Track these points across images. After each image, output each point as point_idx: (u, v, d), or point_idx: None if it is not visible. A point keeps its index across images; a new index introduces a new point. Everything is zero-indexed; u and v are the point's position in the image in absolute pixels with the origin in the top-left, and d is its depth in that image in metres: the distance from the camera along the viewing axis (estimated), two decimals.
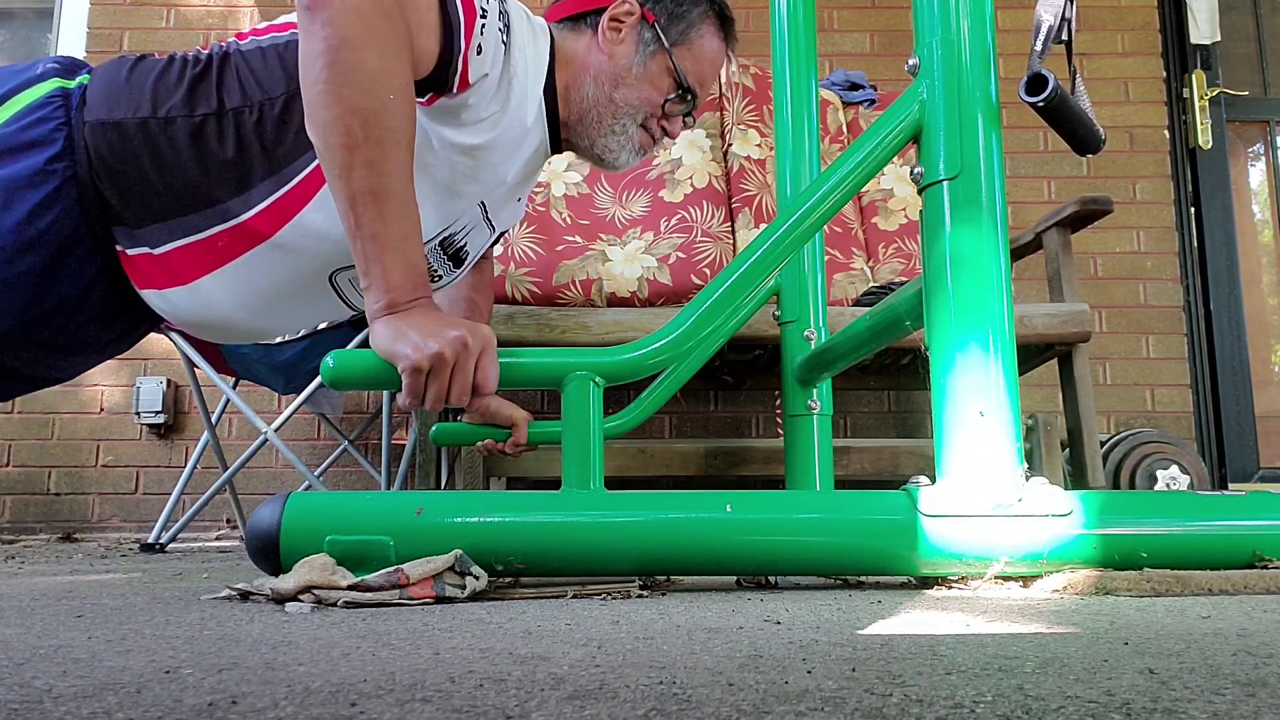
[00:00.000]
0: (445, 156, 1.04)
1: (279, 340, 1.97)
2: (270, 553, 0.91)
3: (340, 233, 1.01)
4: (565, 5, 1.17)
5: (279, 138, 1.00)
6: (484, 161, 1.07)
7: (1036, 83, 1.01)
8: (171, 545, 2.16)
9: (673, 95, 1.16)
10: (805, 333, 1.54)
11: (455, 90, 1.00)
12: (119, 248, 1.03)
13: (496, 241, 1.31)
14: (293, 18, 1.07)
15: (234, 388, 2.14)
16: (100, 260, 1.02)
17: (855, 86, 2.57)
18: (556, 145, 1.17)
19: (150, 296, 1.06)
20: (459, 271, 1.21)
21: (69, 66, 1.04)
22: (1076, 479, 1.89)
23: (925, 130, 1.04)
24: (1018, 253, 2.15)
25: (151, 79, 1.01)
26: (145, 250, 1.02)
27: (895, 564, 0.96)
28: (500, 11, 1.02)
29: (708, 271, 2.03)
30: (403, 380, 0.91)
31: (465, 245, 1.17)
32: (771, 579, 1.06)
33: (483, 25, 0.99)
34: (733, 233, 2.17)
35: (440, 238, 1.12)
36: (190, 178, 1.00)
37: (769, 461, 1.92)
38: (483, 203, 1.14)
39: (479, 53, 0.99)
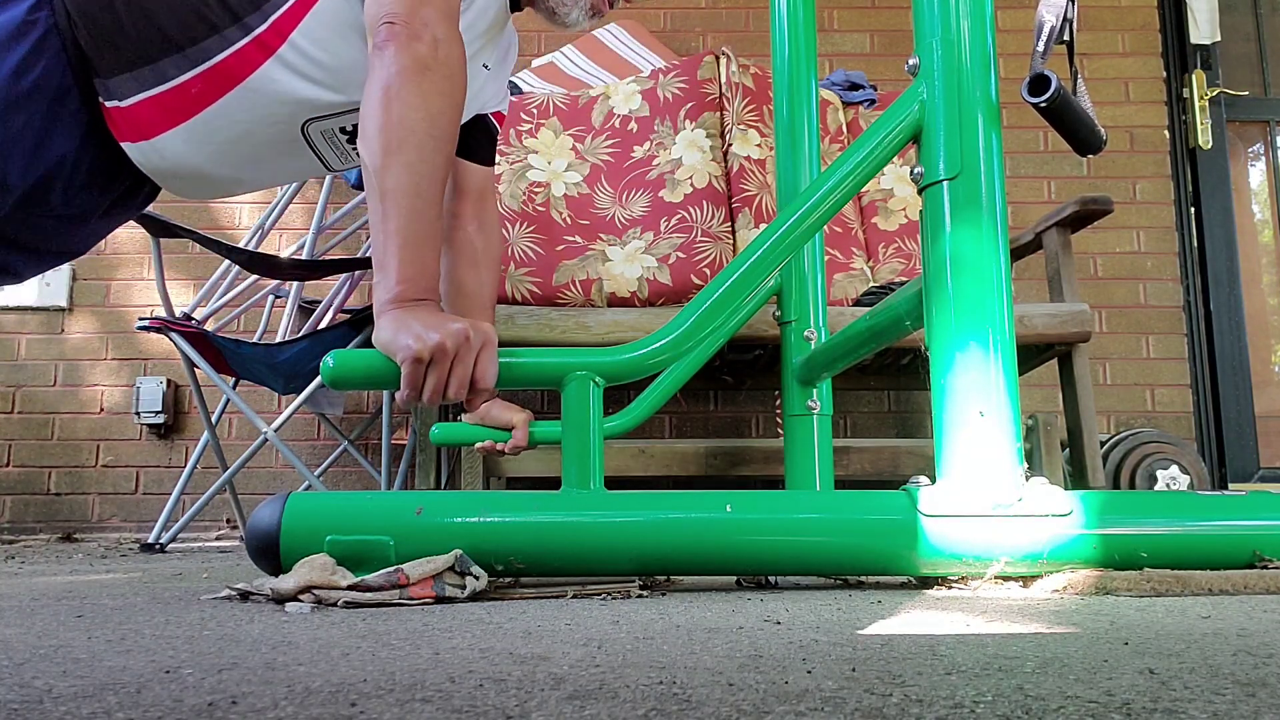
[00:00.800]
0: None
1: (277, 341, 1.97)
2: (270, 553, 0.91)
3: (314, 79, 1.07)
4: None
5: None
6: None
7: (1039, 83, 1.01)
8: (171, 545, 2.16)
9: None
10: (805, 333, 1.54)
11: None
12: (101, 101, 1.06)
13: (479, 132, 1.31)
14: None
15: (234, 388, 2.15)
16: (88, 114, 1.06)
17: (855, 86, 2.57)
18: (516, 4, 1.20)
19: (129, 149, 1.08)
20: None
21: None
22: (1076, 479, 1.89)
23: (925, 130, 1.04)
24: (1018, 253, 2.15)
25: None
26: (116, 103, 1.05)
27: (895, 564, 0.96)
28: None
29: (708, 271, 2.03)
30: (402, 371, 0.91)
31: None
32: (771, 579, 1.06)
33: None
34: (733, 233, 2.17)
35: None
36: (159, 23, 1.03)
37: (769, 461, 1.92)
38: None
39: None
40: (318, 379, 1.97)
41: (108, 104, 1.05)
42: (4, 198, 1.03)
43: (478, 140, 1.31)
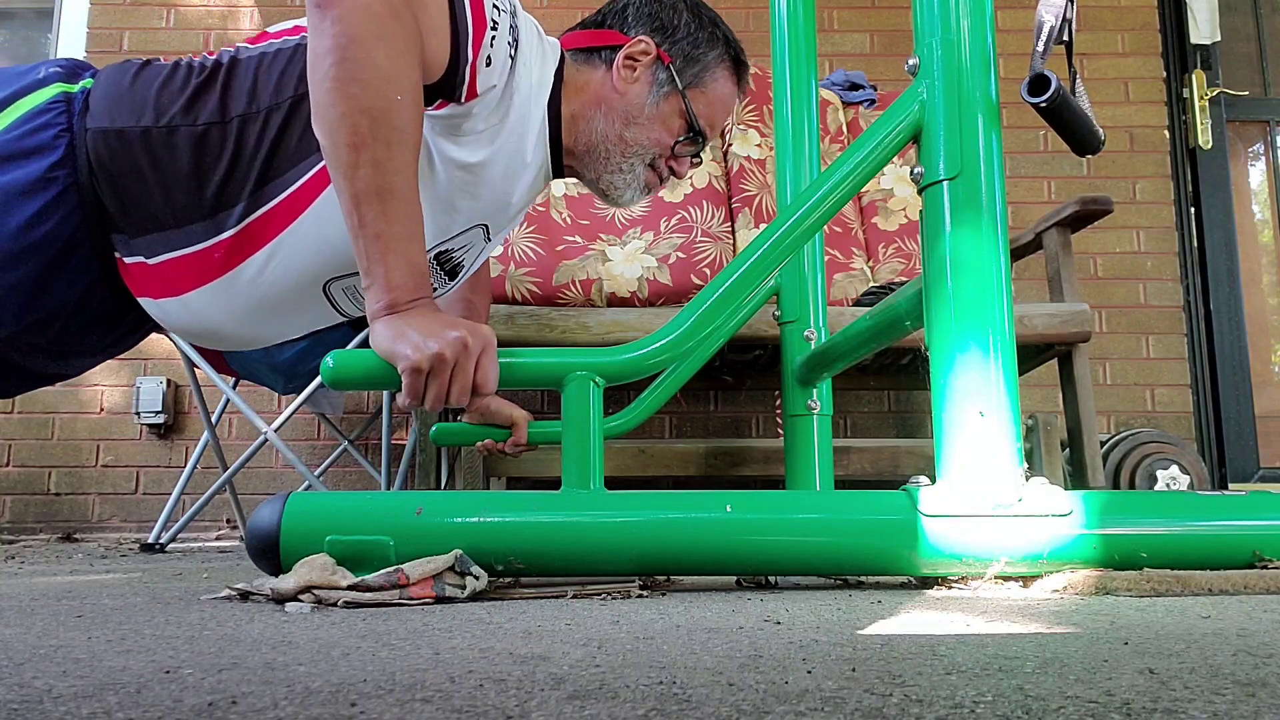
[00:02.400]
0: (444, 172, 1.04)
1: (277, 342, 1.97)
2: (270, 553, 0.91)
3: (336, 240, 1.02)
4: (581, 36, 1.16)
5: (280, 144, 0.99)
6: (483, 178, 1.06)
7: (1039, 83, 1.01)
8: (171, 545, 2.16)
9: (683, 137, 1.16)
10: (805, 333, 1.54)
11: (463, 100, 0.99)
12: (117, 255, 1.02)
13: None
14: (298, 22, 1.06)
15: (234, 388, 2.15)
16: (98, 266, 1.02)
17: (855, 86, 2.57)
18: (559, 170, 1.16)
19: (147, 304, 1.06)
20: (453, 284, 1.21)
21: (72, 70, 1.03)
22: (1076, 479, 1.89)
23: (925, 130, 1.04)
24: (1018, 253, 2.15)
25: (156, 85, 1.00)
26: (140, 259, 1.02)
27: (895, 564, 0.96)
28: (510, 25, 1.01)
29: (708, 271, 2.03)
30: (402, 380, 0.91)
31: (462, 261, 1.17)
32: (771, 579, 1.06)
33: (493, 37, 0.98)
34: (733, 233, 2.17)
35: (436, 251, 1.12)
36: (190, 187, 0.99)
37: (769, 461, 1.92)
38: (485, 226, 1.13)
39: (488, 64, 0.98)
40: (318, 379, 1.97)
41: (127, 260, 1.02)
42: None
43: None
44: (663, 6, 1.16)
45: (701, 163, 1.26)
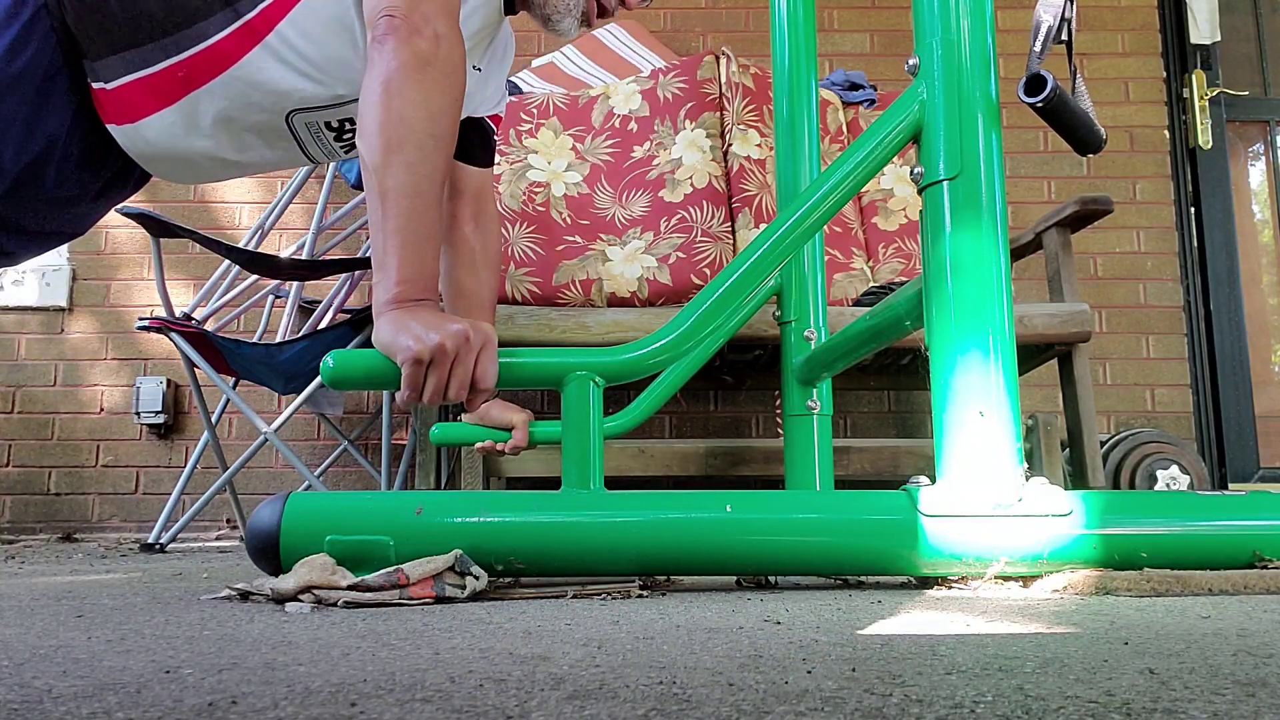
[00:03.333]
0: None
1: (277, 341, 1.97)
2: (270, 553, 0.91)
3: (300, 70, 1.07)
4: None
5: None
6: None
7: (1035, 83, 1.01)
8: (171, 545, 2.16)
9: None
10: (805, 333, 1.54)
11: None
12: (89, 82, 1.06)
13: (476, 133, 1.30)
14: None
15: (234, 388, 2.15)
16: (77, 96, 1.06)
17: (855, 86, 2.57)
18: (510, 6, 1.20)
19: (114, 132, 1.09)
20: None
21: None
22: (1076, 479, 1.89)
23: (925, 130, 1.04)
24: (1018, 253, 2.15)
25: None
26: (102, 85, 1.05)
27: (895, 564, 0.96)
28: None
29: (708, 271, 2.03)
30: (402, 372, 0.91)
31: None
32: (771, 579, 1.06)
33: None
34: (733, 233, 2.17)
35: None
36: (148, 6, 1.03)
37: (769, 461, 1.92)
38: None
39: None
40: (318, 379, 1.97)
41: (95, 86, 1.06)
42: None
43: (473, 142, 1.31)
44: None
45: (650, 2, 1.28)
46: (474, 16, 1.14)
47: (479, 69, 1.24)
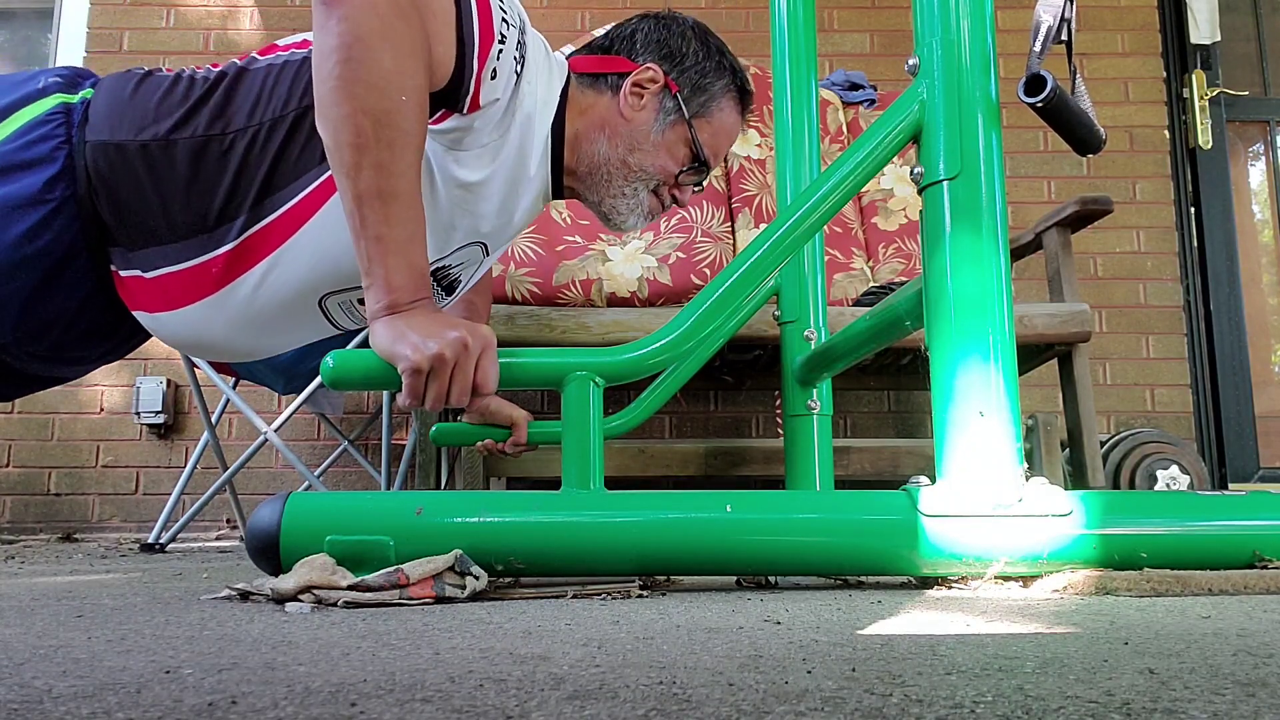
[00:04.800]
0: (445, 190, 1.03)
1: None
2: (270, 553, 0.91)
3: (334, 254, 1.01)
4: (589, 61, 1.15)
5: (281, 157, 0.99)
6: (482, 196, 1.06)
7: (1035, 83, 1.01)
8: (171, 545, 2.16)
9: (688, 166, 1.16)
10: (805, 333, 1.54)
11: (466, 111, 0.98)
12: (113, 267, 1.02)
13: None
14: (307, 36, 1.05)
15: (234, 388, 2.15)
16: (95, 279, 1.01)
17: (855, 86, 2.57)
18: (559, 190, 1.16)
19: (142, 318, 1.05)
20: (450, 300, 1.20)
21: (71, 79, 1.02)
22: (1076, 479, 1.89)
23: (925, 130, 1.04)
24: (1018, 253, 2.15)
25: (157, 97, 0.99)
26: (137, 273, 1.01)
27: (895, 564, 0.96)
28: (519, 41, 1.00)
29: (708, 271, 2.03)
30: (403, 381, 0.91)
31: (459, 277, 1.17)
32: (771, 579, 1.06)
33: (499, 50, 0.97)
34: (733, 233, 2.17)
35: (434, 268, 1.11)
36: (189, 201, 0.99)
37: (769, 461, 1.92)
38: (484, 244, 1.13)
39: (493, 77, 0.97)
40: (318, 379, 1.97)
41: (123, 273, 1.01)
42: None
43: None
44: (671, 35, 1.16)
45: (704, 190, 1.26)
46: (525, 210, 1.11)
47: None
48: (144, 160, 0.98)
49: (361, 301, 1.07)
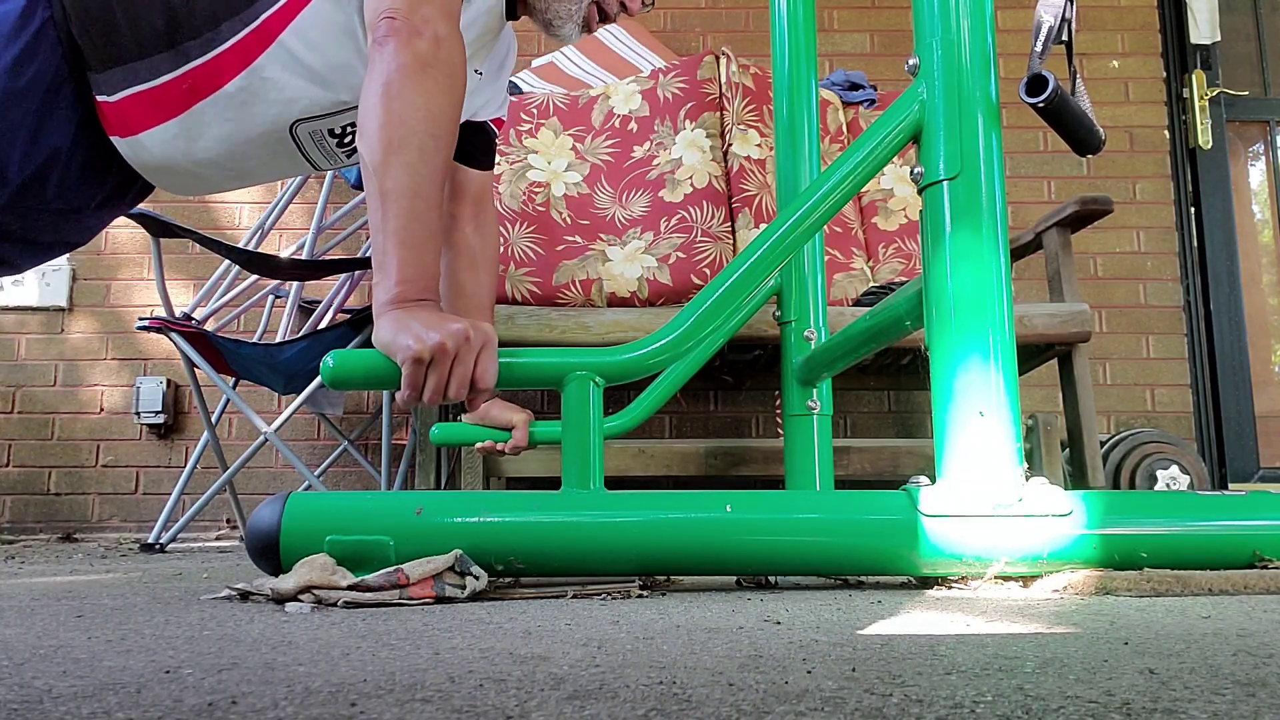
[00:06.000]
0: None
1: (277, 341, 1.97)
2: (270, 553, 0.91)
3: (303, 75, 1.06)
4: None
5: None
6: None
7: (1037, 83, 1.01)
8: (171, 545, 2.16)
9: None
10: (805, 333, 1.54)
11: None
12: (95, 96, 1.06)
13: (475, 137, 1.30)
14: None
15: (234, 388, 2.14)
16: (81, 108, 1.06)
17: (855, 86, 2.57)
18: (511, 10, 1.19)
19: (118, 144, 1.09)
20: None
21: None
22: (1076, 479, 1.89)
23: (925, 130, 1.04)
24: (1018, 253, 2.15)
25: None
26: (104, 97, 1.05)
27: (895, 564, 0.96)
28: None
29: (708, 271, 2.03)
30: (402, 371, 0.91)
31: None
32: (771, 579, 1.06)
33: None
34: (733, 233, 2.17)
35: None
36: (152, 17, 1.03)
37: (769, 461, 1.92)
38: None
39: None
40: (318, 379, 1.97)
41: (99, 98, 1.06)
42: (2, 190, 1.04)
43: (474, 145, 1.31)
44: None
45: (654, 4, 1.27)
46: (476, 22, 1.13)
47: (480, 73, 1.24)
48: None
49: (332, 133, 1.13)
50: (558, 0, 1.18)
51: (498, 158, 1.53)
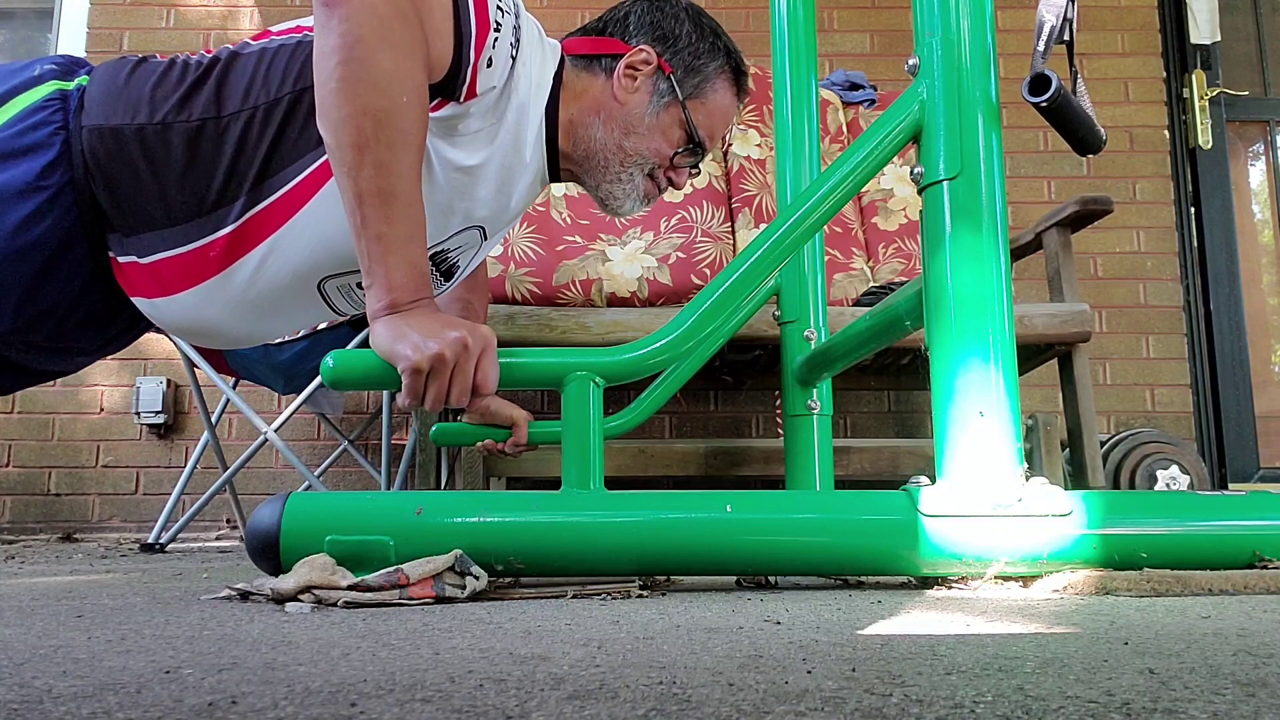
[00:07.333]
0: (442, 174, 1.04)
1: (276, 342, 1.97)
2: (270, 553, 0.91)
3: (332, 237, 1.02)
4: (582, 43, 1.15)
5: (278, 141, 0.99)
6: (480, 179, 1.06)
7: (1040, 83, 1.01)
8: (171, 545, 2.16)
9: (682, 148, 1.16)
10: (805, 333, 1.54)
11: (463, 99, 0.99)
12: (111, 254, 1.02)
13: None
14: (300, 22, 1.06)
15: (234, 388, 2.14)
16: (92, 266, 1.01)
17: (855, 86, 2.57)
18: (555, 173, 1.16)
19: (141, 304, 1.05)
20: (448, 285, 1.21)
21: (67, 67, 1.02)
22: (1076, 479, 1.89)
23: (925, 130, 1.04)
24: (1018, 253, 2.15)
25: (151, 83, 1.00)
26: (134, 259, 1.01)
27: (895, 564, 0.96)
28: (514, 26, 1.01)
29: (708, 271, 2.03)
30: (403, 381, 0.91)
31: (458, 261, 1.17)
32: (771, 579, 1.06)
33: (495, 39, 0.98)
34: (733, 233, 2.17)
35: (433, 252, 1.11)
36: (186, 185, 0.99)
37: (769, 461, 1.92)
38: (482, 228, 1.13)
39: (489, 65, 0.98)
40: (318, 379, 1.97)
41: (120, 259, 1.01)
42: None
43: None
44: (665, 16, 1.16)
45: (700, 174, 1.26)
46: (523, 196, 1.11)
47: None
48: (140, 144, 0.98)
49: (360, 285, 1.07)
50: (609, 182, 1.15)
51: None
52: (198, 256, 1.01)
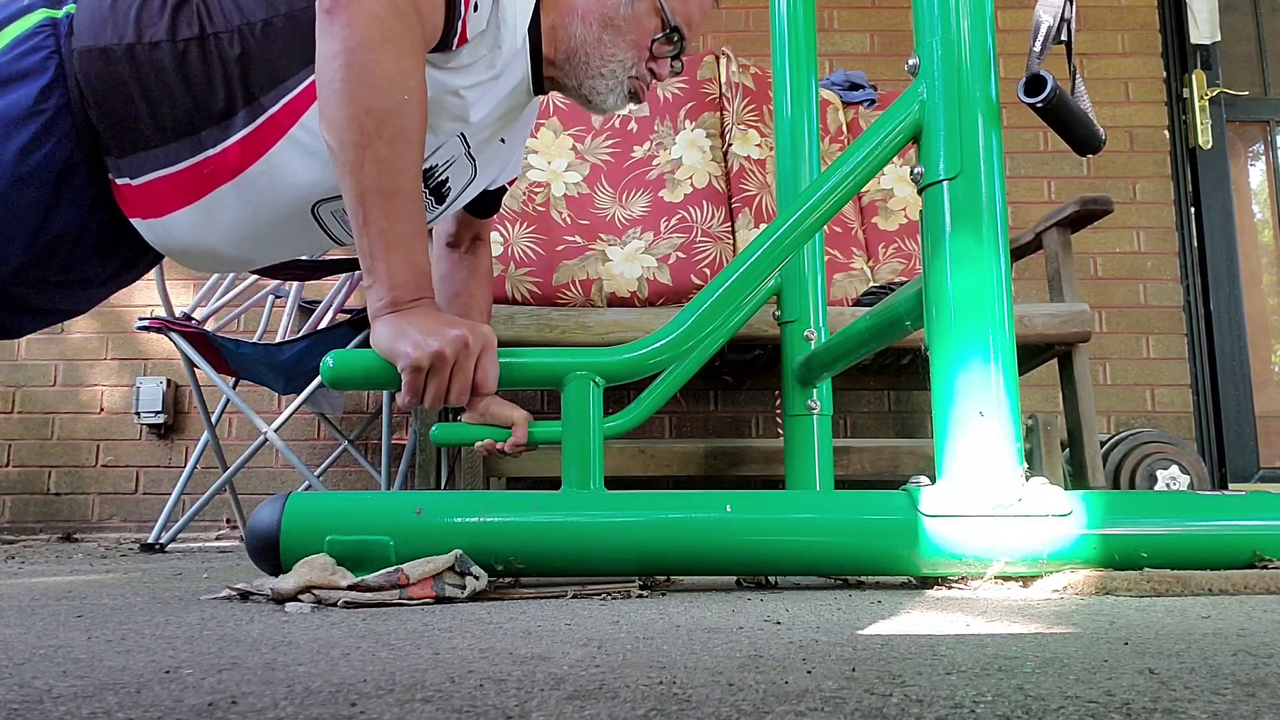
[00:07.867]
0: (435, 95, 1.05)
1: (277, 341, 1.97)
2: (270, 553, 0.91)
3: (314, 169, 1.04)
4: None
5: (263, 60, 1.01)
6: (472, 102, 1.08)
7: (1035, 84, 1.01)
8: (171, 545, 2.16)
9: (660, 35, 1.16)
10: (805, 333, 1.54)
11: (455, 47, 1.01)
12: (110, 177, 1.04)
13: (490, 197, 1.31)
14: None
15: (234, 388, 2.14)
16: (95, 190, 1.03)
17: (855, 86, 2.57)
18: (539, 85, 1.17)
19: (139, 225, 1.07)
20: (442, 208, 1.21)
21: None
22: (1076, 479, 1.89)
23: (925, 130, 1.04)
24: (1018, 253, 2.15)
25: (135, 6, 1.01)
26: (127, 180, 1.03)
27: (895, 564, 0.96)
28: None
29: (708, 271, 2.03)
30: (402, 379, 0.91)
31: (447, 179, 1.18)
32: (771, 579, 1.06)
33: None
34: (733, 233, 2.17)
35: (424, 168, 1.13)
36: (173, 105, 1.01)
37: (769, 461, 1.92)
38: (463, 134, 1.14)
39: (475, 9, 1.01)
40: (318, 379, 1.97)
41: (118, 180, 1.03)
42: (4, 267, 1.01)
43: (490, 204, 1.31)
44: None
45: (683, 68, 1.26)
46: (503, 99, 1.12)
47: (504, 140, 1.22)
48: (130, 63, 0.99)
49: None
50: (590, 78, 1.15)
51: None
52: (191, 175, 1.03)
